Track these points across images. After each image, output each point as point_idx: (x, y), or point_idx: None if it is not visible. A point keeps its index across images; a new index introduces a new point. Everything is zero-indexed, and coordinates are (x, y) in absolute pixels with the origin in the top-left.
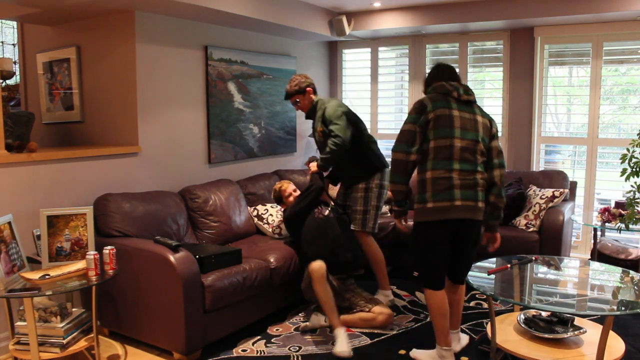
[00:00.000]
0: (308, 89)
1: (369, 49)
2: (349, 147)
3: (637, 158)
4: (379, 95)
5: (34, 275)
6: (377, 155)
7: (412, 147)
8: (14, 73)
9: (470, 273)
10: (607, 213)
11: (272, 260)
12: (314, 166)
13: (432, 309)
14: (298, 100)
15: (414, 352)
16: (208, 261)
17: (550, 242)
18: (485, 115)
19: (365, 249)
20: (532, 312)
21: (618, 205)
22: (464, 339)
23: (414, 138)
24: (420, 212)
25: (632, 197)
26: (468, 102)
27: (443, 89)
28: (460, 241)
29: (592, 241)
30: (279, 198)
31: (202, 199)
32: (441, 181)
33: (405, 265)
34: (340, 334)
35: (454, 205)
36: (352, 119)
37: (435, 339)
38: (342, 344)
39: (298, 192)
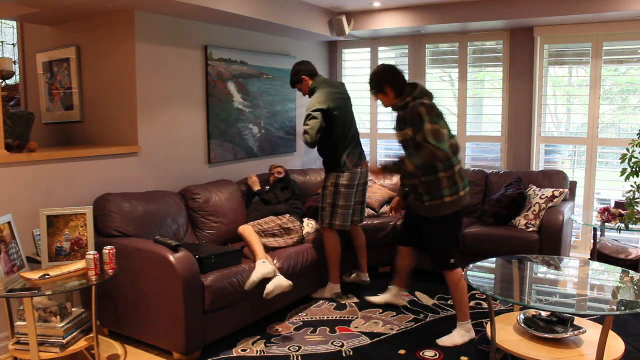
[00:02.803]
0: (303, 77)
1: (369, 49)
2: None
3: (637, 158)
4: None
5: (34, 275)
6: (344, 157)
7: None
8: (14, 73)
9: (469, 273)
10: (607, 213)
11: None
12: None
13: (464, 286)
14: (300, 88)
15: (443, 341)
16: (208, 261)
17: (550, 242)
18: None
19: (324, 242)
20: (532, 312)
21: (618, 205)
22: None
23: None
24: (456, 202)
25: (632, 197)
26: None
27: (430, 95)
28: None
29: (592, 241)
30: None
31: (203, 199)
32: (462, 172)
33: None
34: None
35: (468, 192)
36: (329, 117)
37: (461, 318)
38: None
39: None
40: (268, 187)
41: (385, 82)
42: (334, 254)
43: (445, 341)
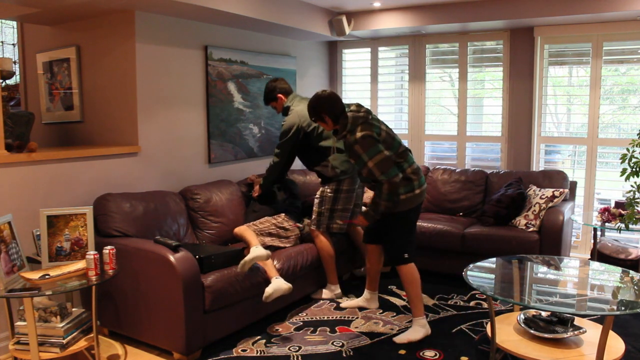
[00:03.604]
0: (279, 95)
1: (369, 49)
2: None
3: (637, 158)
4: (378, 95)
5: (34, 275)
6: (331, 167)
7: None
8: (14, 73)
9: (469, 273)
10: (607, 213)
11: (272, 258)
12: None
13: (417, 281)
14: (274, 105)
15: (399, 338)
16: (208, 261)
17: (550, 242)
18: None
19: (316, 245)
20: (532, 312)
21: (618, 205)
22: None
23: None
24: (410, 199)
25: (632, 197)
26: None
27: (360, 118)
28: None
29: (592, 241)
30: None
31: (203, 198)
32: (418, 171)
33: None
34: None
35: (425, 189)
36: (301, 138)
37: (415, 313)
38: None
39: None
40: None
41: (322, 110)
42: (328, 256)
43: (401, 338)
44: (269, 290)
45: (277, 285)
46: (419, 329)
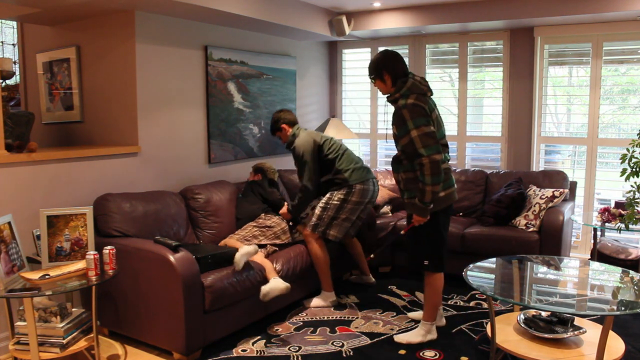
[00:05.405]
0: (283, 125)
1: (369, 49)
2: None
3: (637, 158)
4: (379, 95)
5: (34, 275)
6: (344, 174)
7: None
8: (14, 73)
9: (469, 273)
10: (607, 213)
11: (272, 260)
12: (284, 213)
13: (439, 289)
14: (279, 135)
15: (399, 337)
16: (204, 261)
17: (550, 242)
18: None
19: (310, 251)
20: (532, 312)
21: (618, 205)
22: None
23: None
24: (435, 202)
25: (632, 197)
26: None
27: (420, 89)
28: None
29: (592, 241)
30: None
31: (204, 198)
32: (448, 171)
33: (405, 265)
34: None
35: (454, 191)
36: (317, 153)
37: (425, 317)
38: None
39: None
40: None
41: (384, 67)
42: (322, 262)
43: (401, 338)
44: (265, 288)
45: (275, 284)
46: (422, 333)
